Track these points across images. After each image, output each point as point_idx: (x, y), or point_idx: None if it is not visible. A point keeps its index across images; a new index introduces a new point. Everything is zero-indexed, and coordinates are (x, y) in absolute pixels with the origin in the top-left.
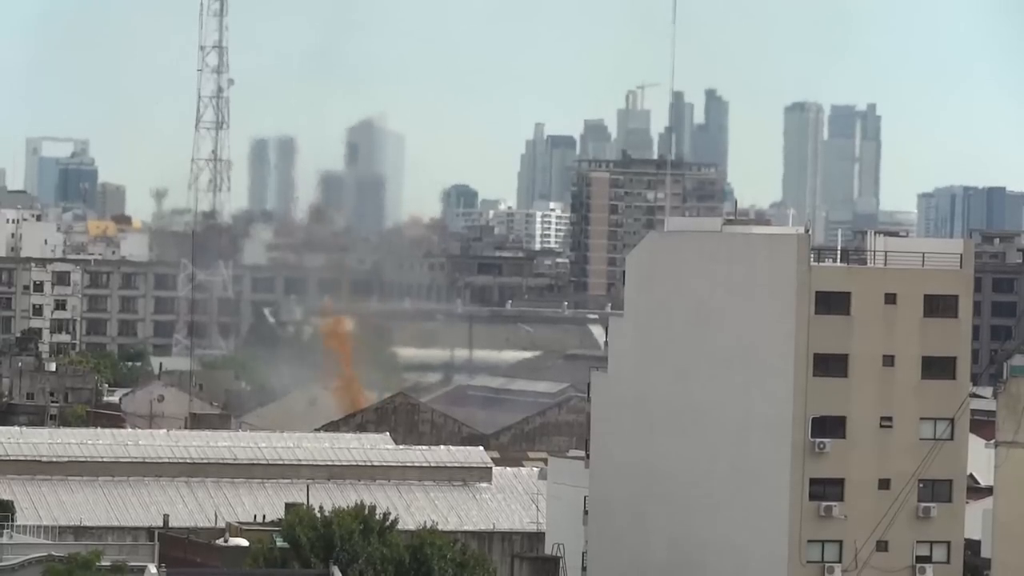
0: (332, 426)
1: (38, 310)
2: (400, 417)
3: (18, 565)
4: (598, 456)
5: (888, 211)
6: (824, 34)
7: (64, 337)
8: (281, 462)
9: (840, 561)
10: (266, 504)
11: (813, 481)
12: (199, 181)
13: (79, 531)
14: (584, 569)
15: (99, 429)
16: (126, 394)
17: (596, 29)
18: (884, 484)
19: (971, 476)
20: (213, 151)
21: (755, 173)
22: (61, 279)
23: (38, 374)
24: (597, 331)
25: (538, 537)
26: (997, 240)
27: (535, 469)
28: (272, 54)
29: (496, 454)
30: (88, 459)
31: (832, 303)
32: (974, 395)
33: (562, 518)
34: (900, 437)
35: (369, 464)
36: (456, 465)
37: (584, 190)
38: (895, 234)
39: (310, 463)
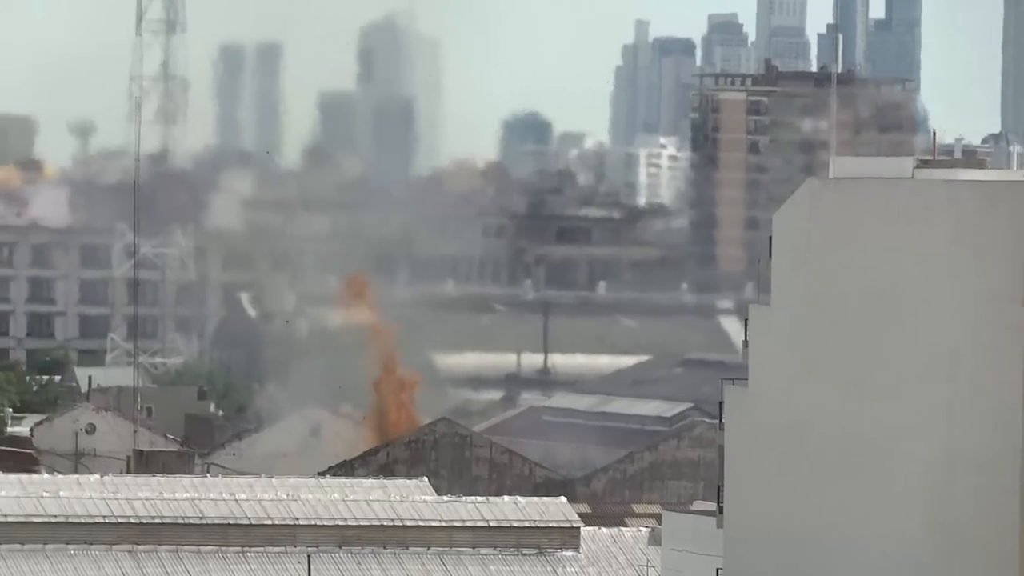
0: (345, 467)
1: None
2: (443, 454)
3: None
4: (735, 510)
5: None
6: None
7: None
8: (270, 522)
9: None
10: None
11: None
12: (142, 109)
13: None
14: None
15: (1, 475)
16: (39, 423)
17: None
18: None
19: None
20: (162, 64)
21: (961, 92)
22: None
23: None
24: (731, 325)
25: None
26: None
27: (644, 530)
28: None
29: (586, 508)
30: None
31: None
32: None
33: None
34: None
35: (399, 524)
36: (528, 524)
37: (710, 119)
38: None
39: (313, 522)
